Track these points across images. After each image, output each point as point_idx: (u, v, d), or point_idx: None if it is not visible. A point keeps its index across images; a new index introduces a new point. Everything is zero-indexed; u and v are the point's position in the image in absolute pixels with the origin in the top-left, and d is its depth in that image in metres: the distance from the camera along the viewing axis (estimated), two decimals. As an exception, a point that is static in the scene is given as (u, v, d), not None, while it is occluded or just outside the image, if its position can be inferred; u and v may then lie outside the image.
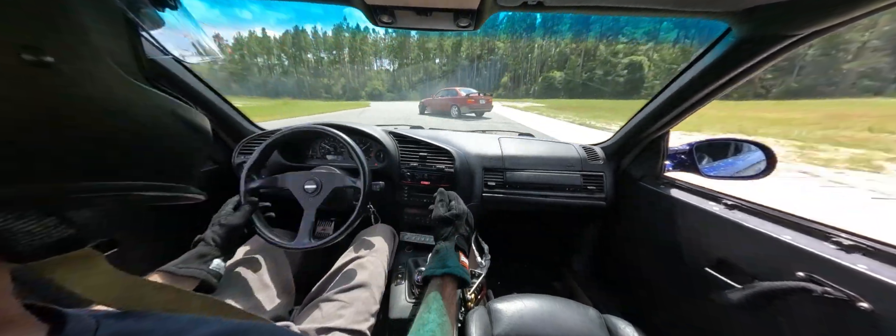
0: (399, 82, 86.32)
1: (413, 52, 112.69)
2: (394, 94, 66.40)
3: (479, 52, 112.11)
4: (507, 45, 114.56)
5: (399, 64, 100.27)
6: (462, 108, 12.32)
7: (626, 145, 1.09)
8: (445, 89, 14.53)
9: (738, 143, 0.92)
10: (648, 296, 1.02)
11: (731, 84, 0.69)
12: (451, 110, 12.59)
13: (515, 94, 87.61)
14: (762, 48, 0.57)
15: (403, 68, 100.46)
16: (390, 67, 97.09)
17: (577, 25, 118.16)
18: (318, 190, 0.75)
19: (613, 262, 1.26)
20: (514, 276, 1.46)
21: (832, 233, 0.58)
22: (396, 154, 1.07)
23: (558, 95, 14.45)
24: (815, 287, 0.51)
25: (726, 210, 0.76)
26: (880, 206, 3.28)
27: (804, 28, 0.51)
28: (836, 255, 0.53)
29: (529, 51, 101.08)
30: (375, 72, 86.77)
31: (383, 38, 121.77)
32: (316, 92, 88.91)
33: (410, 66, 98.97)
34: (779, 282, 0.56)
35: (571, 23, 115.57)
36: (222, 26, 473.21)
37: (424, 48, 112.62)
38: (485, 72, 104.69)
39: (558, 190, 1.14)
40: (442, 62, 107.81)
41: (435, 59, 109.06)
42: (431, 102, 14.44)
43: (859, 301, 0.47)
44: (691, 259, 0.81)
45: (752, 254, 0.66)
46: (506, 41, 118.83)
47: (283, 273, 0.77)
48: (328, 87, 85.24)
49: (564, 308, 0.74)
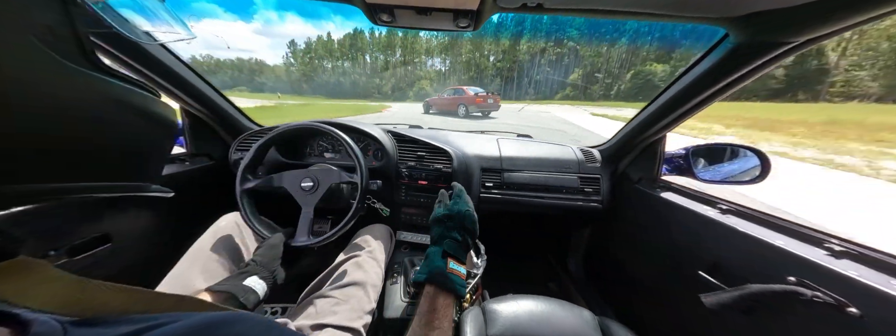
0: (449, 82, 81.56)
1: (465, 48, 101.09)
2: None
3: (543, 46, 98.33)
4: (579, 39, 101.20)
5: (450, 63, 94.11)
6: (470, 107, 12.21)
7: (623, 148, 1.10)
8: (452, 88, 14.38)
9: (733, 148, 0.93)
10: (643, 298, 1.03)
11: (727, 89, 0.69)
12: (459, 109, 12.43)
13: (589, 96, 73.98)
14: (758, 54, 0.58)
15: (455, 67, 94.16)
16: (442, 67, 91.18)
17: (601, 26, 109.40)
18: (314, 187, 0.75)
19: (609, 265, 1.26)
20: (510, 277, 1.46)
21: (824, 238, 0.59)
22: (394, 153, 1.07)
23: (650, 96, 11.89)
24: (805, 291, 0.51)
25: (721, 214, 0.76)
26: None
27: (800, 35, 0.52)
28: (827, 261, 0.53)
29: (609, 44, 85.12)
30: (425, 71, 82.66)
31: (436, 36, 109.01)
32: (368, 92, 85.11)
33: (462, 65, 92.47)
34: (769, 285, 0.57)
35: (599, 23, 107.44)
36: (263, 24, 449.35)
37: (478, 46, 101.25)
38: (548, 69, 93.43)
39: (555, 192, 1.14)
40: (496, 59, 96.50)
41: (489, 57, 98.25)
42: (437, 102, 13.84)
43: (848, 306, 0.48)
44: (685, 262, 0.82)
45: (746, 258, 0.67)
46: (578, 37, 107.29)
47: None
48: (379, 87, 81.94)
49: (559, 309, 0.74)
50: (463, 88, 13.41)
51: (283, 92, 79.80)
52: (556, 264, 1.56)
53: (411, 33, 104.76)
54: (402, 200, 1.11)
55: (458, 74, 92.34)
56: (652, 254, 0.98)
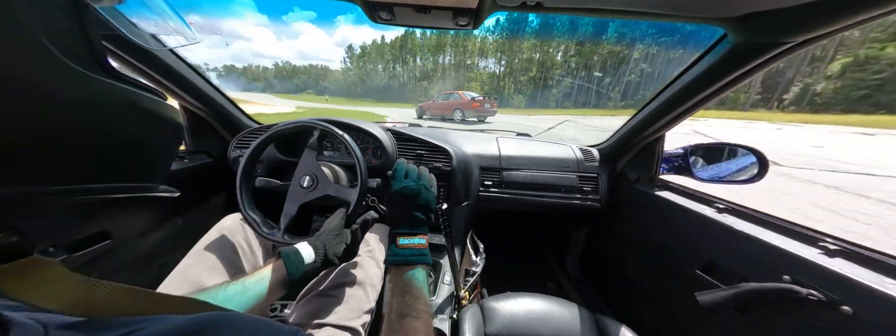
0: (502, 85, 65.37)
1: (526, 44, 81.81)
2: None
3: (623, 51, 73.53)
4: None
5: (506, 62, 78.00)
6: (466, 111, 12.00)
7: (622, 148, 1.10)
8: (447, 92, 13.83)
9: (731, 148, 0.94)
10: (640, 297, 1.03)
11: (725, 89, 0.70)
12: (455, 114, 12.24)
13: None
14: (757, 54, 0.58)
15: (511, 67, 77.68)
16: (496, 68, 77.77)
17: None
18: (312, 188, 0.74)
19: (606, 263, 1.27)
20: (509, 276, 1.47)
21: (819, 237, 0.59)
22: (394, 152, 1.07)
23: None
24: (800, 290, 0.52)
25: (718, 213, 0.77)
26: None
27: (798, 35, 0.52)
28: (821, 260, 0.54)
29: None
30: (476, 73, 73.89)
31: (492, 34, 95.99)
32: (413, 96, 76.68)
33: (521, 64, 75.12)
34: (764, 284, 0.57)
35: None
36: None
37: (544, 43, 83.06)
38: (645, 67, 66.79)
39: (554, 190, 1.15)
40: (567, 55, 74.53)
41: (556, 54, 78.02)
42: (431, 106, 13.57)
43: (842, 305, 0.48)
44: (682, 261, 0.82)
45: (742, 257, 0.67)
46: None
47: (258, 262, 0.76)
48: (426, 90, 76.19)
49: (557, 307, 0.75)
50: (459, 93, 13.14)
51: (342, 96, 73.16)
52: (554, 263, 1.56)
53: (464, 33, 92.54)
54: None
55: (515, 75, 73.09)
56: (649, 252, 0.99)
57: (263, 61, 63.45)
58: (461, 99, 12.37)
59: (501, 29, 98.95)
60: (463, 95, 12.56)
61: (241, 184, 0.76)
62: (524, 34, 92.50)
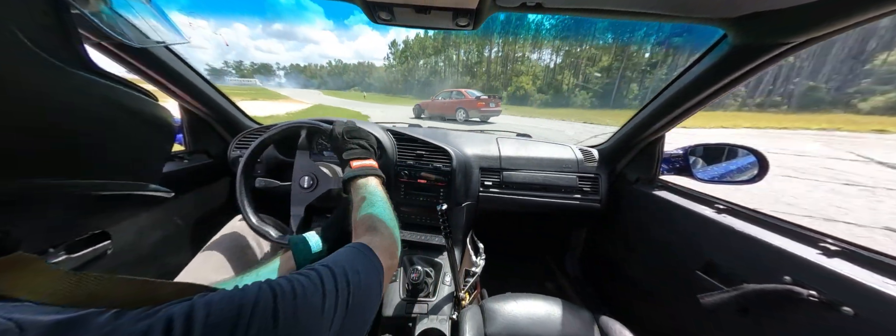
0: (558, 81, 53.91)
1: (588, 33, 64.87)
2: (546, 97, 42.82)
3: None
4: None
5: (564, 54, 62.48)
6: (470, 111, 11.21)
7: (621, 148, 1.10)
8: (448, 90, 12.88)
9: (731, 148, 0.94)
10: (640, 297, 1.03)
11: (725, 90, 0.70)
12: (458, 114, 11.44)
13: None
14: (756, 55, 0.58)
15: (568, 58, 63.01)
16: (552, 59, 63.95)
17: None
18: (313, 187, 0.75)
19: (606, 264, 1.27)
20: (508, 276, 1.47)
21: (819, 238, 0.59)
22: (393, 152, 1.07)
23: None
24: (801, 291, 0.52)
25: (718, 214, 0.77)
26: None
27: (798, 36, 0.52)
28: (822, 260, 0.54)
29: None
30: (527, 66, 63.63)
31: (549, 24, 76.83)
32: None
33: (584, 55, 59.60)
34: (765, 285, 0.57)
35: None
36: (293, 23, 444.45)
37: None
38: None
39: (554, 191, 1.15)
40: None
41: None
42: (431, 105, 12.65)
43: (843, 305, 0.48)
44: (683, 262, 0.82)
45: (742, 257, 0.67)
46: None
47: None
48: (469, 85, 68.54)
49: (558, 308, 0.75)
50: (462, 91, 12.10)
51: (382, 92, 67.02)
52: (554, 264, 1.56)
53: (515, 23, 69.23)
54: (401, 199, 1.11)
55: (580, 67, 55.97)
56: (649, 253, 0.99)
57: (325, 61, 65.19)
58: (464, 97, 11.68)
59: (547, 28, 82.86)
60: (466, 94, 11.84)
61: (240, 184, 0.76)
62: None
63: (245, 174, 0.77)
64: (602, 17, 0.56)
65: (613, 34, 71.42)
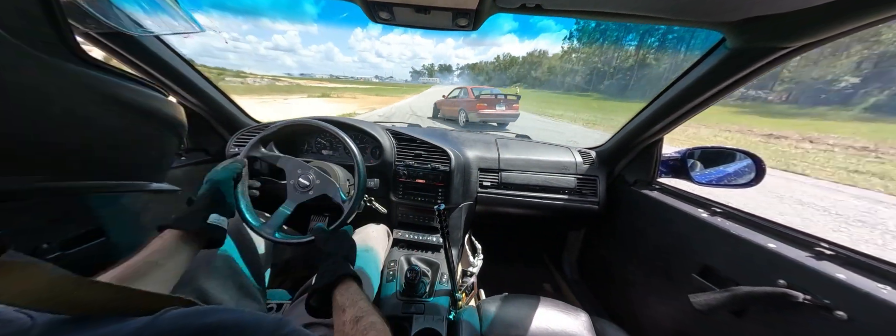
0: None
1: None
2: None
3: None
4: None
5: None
6: (470, 113, 8.80)
7: (620, 150, 1.10)
8: (458, 88, 10.46)
9: (729, 152, 0.94)
10: (637, 299, 1.03)
11: (724, 93, 0.70)
12: (459, 116, 9.23)
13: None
14: (755, 59, 0.58)
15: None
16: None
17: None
18: (307, 190, 0.74)
19: (604, 265, 1.27)
20: (506, 277, 1.47)
21: (814, 242, 0.60)
22: (392, 152, 1.07)
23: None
24: (794, 293, 0.52)
25: (715, 217, 0.77)
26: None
27: (796, 41, 0.52)
28: (817, 264, 0.54)
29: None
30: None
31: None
32: (646, 89, 52.33)
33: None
34: (758, 287, 0.57)
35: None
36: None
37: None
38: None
39: (552, 192, 1.15)
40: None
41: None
42: (443, 104, 10.60)
43: (837, 309, 0.48)
44: (680, 264, 0.82)
45: (738, 260, 0.67)
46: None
47: (259, 262, 0.76)
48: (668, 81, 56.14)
49: (554, 310, 0.75)
50: (468, 89, 9.57)
51: (547, 89, 58.86)
52: (552, 265, 1.56)
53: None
54: (400, 199, 1.11)
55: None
56: (646, 255, 0.99)
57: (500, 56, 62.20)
58: (467, 96, 9.21)
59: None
60: (470, 92, 9.33)
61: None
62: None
63: (252, 146, 0.76)
64: (601, 19, 0.56)
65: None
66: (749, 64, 0.60)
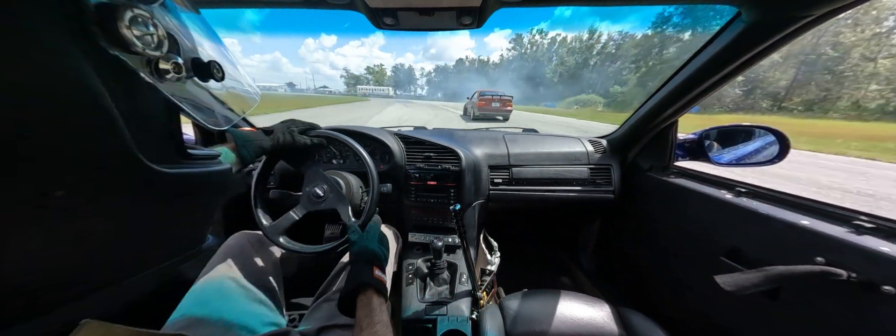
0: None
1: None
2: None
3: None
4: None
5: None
6: (473, 110, 11.54)
7: (632, 137, 1.08)
8: (476, 93, 12.67)
9: (747, 129, 0.91)
10: (660, 287, 1.02)
11: (741, 70, 0.68)
12: (468, 111, 12.24)
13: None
14: (773, 31, 0.56)
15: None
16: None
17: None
18: (320, 202, 0.74)
19: (622, 255, 1.25)
20: (523, 272, 1.47)
21: (851, 216, 0.57)
22: (402, 155, 1.07)
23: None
24: (837, 271, 0.50)
25: (739, 197, 0.75)
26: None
27: (816, 8, 0.50)
28: (857, 239, 0.52)
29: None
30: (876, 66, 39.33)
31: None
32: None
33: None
34: (795, 266, 0.55)
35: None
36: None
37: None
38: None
39: (566, 184, 1.13)
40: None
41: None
42: (467, 104, 13.22)
43: (884, 284, 0.47)
44: (704, 248, 0.80)
45: (768, 240, 0.65)
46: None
47: (268, 277, 0.75)
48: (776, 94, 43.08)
49: (577, 302, 0.74)
50: (478, 91, 12.22)
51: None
52: (568, 258, 1.55)
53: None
54: (412, 202, 1.11)
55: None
56: (668, 242, 0.97)
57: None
58: (475, 96, 12.05)
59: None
60: (477, 95, 12.19)
61: (255, 196, 0.76)
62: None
63: (259, 185, 0.78)
64: (610, 4, 0.54)
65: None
66: (767, 37, 0.57)
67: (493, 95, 11.63)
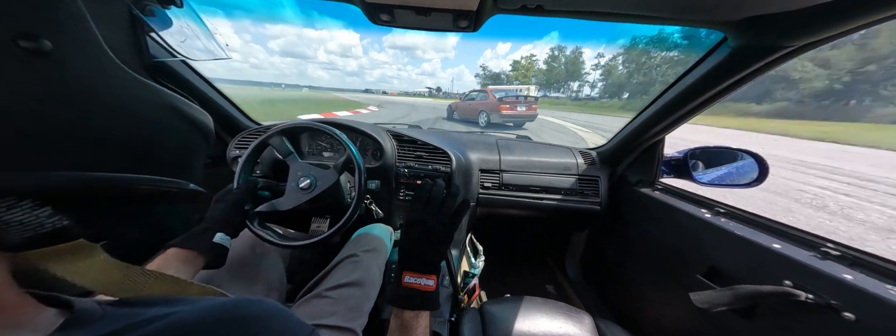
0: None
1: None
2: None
3: None
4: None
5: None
6: (492, 115, 9.02)
7: (621, 150, 1.10)
8: (476, 90, 10.86)
9: (730, 152, 0.93)
10: (641, 301, 1.03)
11: (726, 92, 0.70)
12: (480, 117, 9.41)
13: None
14: (757, 58, 0.58)
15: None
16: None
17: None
18: (310, 189, 0.74)
19: (607, 266, 1.26)
20: (508, 279, 1.47)
21: (820, 242, 0.59)
22: (393, 153, 1.07)
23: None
24: (798, 293, 0.52)
25: (718, 217, 0.77)
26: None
27: (799, 39, 0.52)
28: (823, 265, 0.53)
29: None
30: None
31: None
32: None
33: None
34: (761, 286, 0.57)
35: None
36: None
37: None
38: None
39: (554, 193, 1.15)
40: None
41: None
42: (459, 106, 10.89)
43: (844, 311, 0.48)
44: (684, 265, 0.82)
45: (743, 261, 0.67)
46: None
47: (275, 268, 0.76)
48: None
49: (558, 312, 0.74)
50: (488, 90, 10.01)
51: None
52: (555, 266, 1.56)
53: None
54: (401, 200, 1.11)
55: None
56: (650, 256, 0.98)
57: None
58: (488, 98, 9.52)
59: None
60: (491, 94, 9.61)
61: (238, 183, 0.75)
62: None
63: (244, 174, 0.77)
64: (602, 20, 0.56)
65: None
66: (751, 63, 0.59)
67: (516, 97, 9.47)
